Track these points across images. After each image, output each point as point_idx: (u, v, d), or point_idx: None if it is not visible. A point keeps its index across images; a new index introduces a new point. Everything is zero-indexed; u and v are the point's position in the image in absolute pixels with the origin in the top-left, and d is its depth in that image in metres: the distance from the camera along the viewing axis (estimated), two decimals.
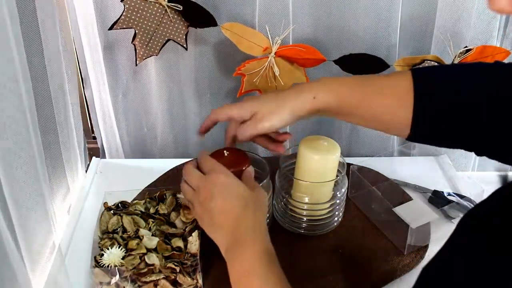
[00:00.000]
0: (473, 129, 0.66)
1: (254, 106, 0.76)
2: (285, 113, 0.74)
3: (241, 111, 0.77)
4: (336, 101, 0.72)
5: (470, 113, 0.65)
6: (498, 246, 0.39)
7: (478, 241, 0.42)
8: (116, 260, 0.78)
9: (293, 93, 0.74)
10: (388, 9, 1.04)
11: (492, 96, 0.64)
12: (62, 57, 0.95)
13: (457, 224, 0.47)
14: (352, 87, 0.72)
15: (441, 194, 1.05)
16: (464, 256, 0.42)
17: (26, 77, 0.72)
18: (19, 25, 0.70)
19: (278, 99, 0.75)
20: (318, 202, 0.94)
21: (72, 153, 1.05)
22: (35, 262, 0.79)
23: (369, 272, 0.89)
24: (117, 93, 1.15)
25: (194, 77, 1.16)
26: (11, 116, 0.68)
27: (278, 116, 0.74)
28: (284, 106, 0.74)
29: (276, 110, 0.74)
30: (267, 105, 0.75)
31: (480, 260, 0.40)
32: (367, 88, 0.72)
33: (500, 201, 0.43)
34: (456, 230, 0.47)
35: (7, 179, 0.67)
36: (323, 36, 1.09)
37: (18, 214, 0.71)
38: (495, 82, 0.65)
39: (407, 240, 0.90)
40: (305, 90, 0.73)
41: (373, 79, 0.74)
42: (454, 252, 0.45)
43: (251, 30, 1.02)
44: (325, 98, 0.72)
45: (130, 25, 0.98)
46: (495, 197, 0.45)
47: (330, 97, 0.72)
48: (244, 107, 0.77)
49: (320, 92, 0.72)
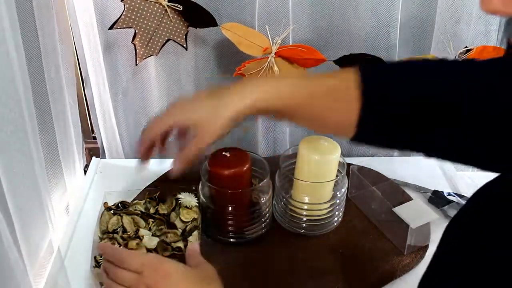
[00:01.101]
0: (419, 130, 0.63)
1: (191, 113, 0.69)
2: (226, 120, 0.67)
3: (181, 119, 0.70)
4: (278, 101, 0.67)
5: (417, 114, 0.62)
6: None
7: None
8: None
9: (234, 94, 0.67)
10: (388, 9, 1.04)
11: (438, 96, 0.61)
12: (60, 57, 0.95)
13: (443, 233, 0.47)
14: (295, 87, 0.67)
15: (441, 194, 1.05)
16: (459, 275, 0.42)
17: (25, 78, 0.72)
18: (18, 26, 0.70)
19: (219, 107, 0.67)
20: (318, 202, 0.94)
21: (70, 153, 1.05)
22: (34, 262, 0.79)
23: (369, 272, 0.89)
24: (117, 92, 1.15)
25: (194, 77, 1.15)
26: (10, 116, 0.68)
27: (219, 125, 0.67)
28: (226, 114, 0.67)
29: (216, 120, 0.67)
30: (207, 114, 0.68)
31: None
32: (310, 88, 0.67)
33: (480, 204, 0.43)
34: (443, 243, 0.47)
35: (7, 179, 0.67)
36: (323, 36, 1.09)
37: (17, 214, 0.71)
38: (444, 80, 0.61)
39: (407, 240, 0.90)
40: (246, 90, 0.67)
41: (317, 78, 0.69)
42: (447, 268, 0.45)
43: (251, 30, 1.02)
44: (268, 99, 0.66)
45: (130, 24, 0.98)
46: (474, 202, 0.45)
47: (273, 97, 0.66)
48: (183, 114, 0.70)
49: (262, 92, 0.66)
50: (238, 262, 0.90)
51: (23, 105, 0.71)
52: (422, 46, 1.11)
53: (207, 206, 0.92)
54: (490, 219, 0.41)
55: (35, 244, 0.79)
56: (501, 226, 0.40)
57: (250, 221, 0.93)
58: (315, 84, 0.67)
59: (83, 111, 1.19)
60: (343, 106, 0.64)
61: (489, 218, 0.42)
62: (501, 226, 0.40)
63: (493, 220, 0.41)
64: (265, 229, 0.95)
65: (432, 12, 1.06)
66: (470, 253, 0.42)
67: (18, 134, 0.71)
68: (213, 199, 0.91)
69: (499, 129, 0.56)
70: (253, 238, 0.94)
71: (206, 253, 0.88)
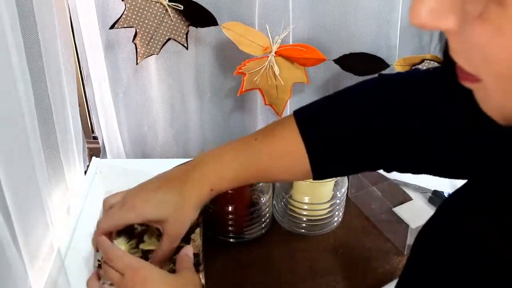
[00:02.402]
0: (370, 152, 0.65)
1: (161, 211, 0.69)
2: (194, 212, 0.71)
3: (145, 217, 0.70)
4: (231, 184, 0.70)
5: (360, 138, 0.64)
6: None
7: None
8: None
9: (196, 191, 0.70)
10: (389, 8, 1.04)
11: (377, 117, 0.63)
12: (60, 56, 0.95)
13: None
14: (243, 163, 0.69)
15: (441, 194, 1.05)
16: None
17: (26, 78, 0.71)
18: (19, 26, 0.69)
19: (183, 199, 0.69)
20: (318, 202, 0.94)
21: (70, 153, 1.05)
22: (34, 262, 0.79)
23: (369, 272, 0.89)
24: (118, 91, 1.15)
25: (195, 76, 1.16)
26: (10, 116, 0.68)
27: (186, 219, 0.71)
28: (192, 203, 0.70)
29: (185, 212, 0.70)
30: (173, 210, 0.69)
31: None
32: (258, 160, 0.69)
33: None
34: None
35: (7, 179, 0.67)
36: (323, 36, 1.09)
37: (16, 214, 0.71)
38: (376, 101, 0.64)
39: (407, 240, 0.90)
40: (202, 184, 0.70)
41: (261, 145, 0.69)
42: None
43: (251, 29, 1.02)
44: (221, 187, 0.70)
45: (131, 24, 0.98)
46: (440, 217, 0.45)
47: (225, 184, 0.70)
48: (152, 213, 0.70)
49: (215, 183, 0.70)
50: (238, 262, 0.90)
51: (23, 105, 0.71)
52: (422, 46, 1.11)
53: (207, 206, 0.92)
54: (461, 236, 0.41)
55: (35, 245, 0.79)
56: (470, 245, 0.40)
57: (250, 221, 0.93)
58: (261, 154, 0.69)
59: (83, 111, 1.19)
60: (294, 159, 0.67)
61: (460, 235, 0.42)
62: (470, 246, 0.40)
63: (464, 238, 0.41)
64: (265, 229, 0.96)
65: None
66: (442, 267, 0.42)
67: (18, 134, 0.71)
68: (213, 199, 0.91)
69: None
70: (253, 238, 0.94)
71: (206, 253, 0.89)
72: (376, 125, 0.63)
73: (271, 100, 1.12)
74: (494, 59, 0.30)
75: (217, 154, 0.71)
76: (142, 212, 0.69)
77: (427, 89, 0.61)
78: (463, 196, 0.44)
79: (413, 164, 0.64)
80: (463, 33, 0.31)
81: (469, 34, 0.30)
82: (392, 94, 0.63)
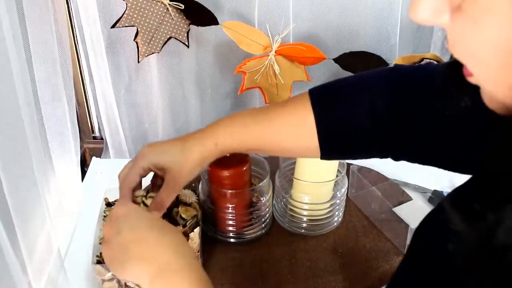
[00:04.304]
0: (379, 137, 0.65)
1: (163, 159, 0.72)
2: (194, 162, 0.72)
3: (151, 164, 0.73)
4: (237, 143, 0.72)
5: (371, 122, 0.64)
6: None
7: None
8: None
9: (198, 141, 0.72)
10: (388, 8, 1.04)
11: (388, 100, 0.64)
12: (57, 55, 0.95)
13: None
14: (254, 125, 0.71)
15: (441, 194, 1.05)
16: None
17: (25, 78, 0.71)
18: (18, 24, 0.69)
19: (185, 150, 0.72)
20: (318, 202, 0.94)
21: (70, 153, 1.05)
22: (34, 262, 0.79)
23: (369, 272, 0.89)
24: (119, 88, 1.15)
25: (195, 74, 1.16)
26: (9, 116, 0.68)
27: (188, 169, 0.72)
28: (192, 156, 0.71)
29: (185, 163, 0.72)
30: (174, 158, 0.72)
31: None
32: (267, 123, 0.70)
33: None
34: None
35: (6, 179, 0.67)
36: (323, 35, 1.09)
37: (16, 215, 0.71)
38: (386, 86, 0.64)
39: (407, 240, 0.90)
40: (207, 138, 0.72)
41: (271, 111, 0.71)
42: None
43: (251, 28, 1.02)
44: (227, 143, 0.72)
45: (132, 23, 0.98)
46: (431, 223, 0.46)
47: (231, 141, 0.71)
48: (155, 161, 0.72)
49: (221, 138, 0.71)
50: (238, 262, 0.90)
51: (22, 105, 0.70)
52: (422, 46, 1.11)
53: (207, 206, 0.92)
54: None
55: (34, 245, 0.79)
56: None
57: (250, 221, 0.93)
58: (270, 118, 0.70)
59: (84, 110, 1.19)
60: (302, 131, 0.68)
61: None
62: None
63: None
64: (265, 229, 0.96)
65: None
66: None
67: (18, 134, 0.71)
68: (213, 199, 0.91)
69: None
70: (253, 238, 0.94)
71: (206, 253, 0.89)
72: (382, 110, 0.63)
73: (272, 98, 1.12)
74: (474, 49, 0.32)
75: (229, 116, 0.73)
76: (148, 157, 0.72)
77: (434, 79, 0.61)
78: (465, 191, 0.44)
79: (419, 153, 0.64)
80: (451, 26, 0.33)
81: (454, 26, 0.33)
82: (400, 81, 0.64)
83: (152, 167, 0.73)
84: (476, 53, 0.32)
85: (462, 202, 0.41)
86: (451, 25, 0.33)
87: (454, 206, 0.41)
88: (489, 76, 0.33)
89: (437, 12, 0.33)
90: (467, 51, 0.33)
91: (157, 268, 0.58)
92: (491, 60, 0.31)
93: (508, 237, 0.33)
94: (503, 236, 0.33)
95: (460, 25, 0.32)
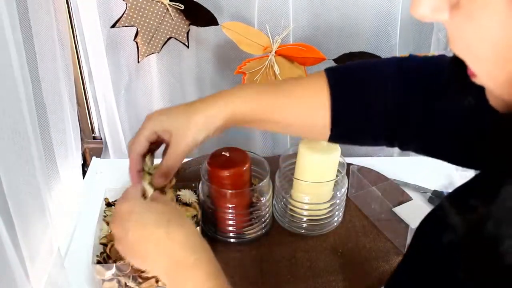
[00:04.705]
0: (388, 123, 0.65)
1: (168, 122, 0.69)
2: (200, 124, 0.67)
3: (157, 129, 0.70)
4: (249, 108, 0.68)
5: (383, 108, 0.64)
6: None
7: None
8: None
9: (205, 104, 0.68)
10: (388, 8, 1.04)
11: (398, 89, 0.64)
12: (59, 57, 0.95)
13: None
14: (266, 93, 0.69)
15: (441, 194, 1.05)
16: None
17: (25, 79, 0.71)
18: (19, 24, 0.69)
19: (190, 112, 0.68)
20: (318, 202, 0.94)
21: (70, 153, 1.05)
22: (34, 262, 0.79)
23: (369, 272, 0.89)
24: (119, 89, 1.16)
25: (195, 74, 1.16)
26: (10, 116, 0.68)
27: (193, 130, 0.67)
28: (197, 116, 0.67)
29: (190, 125, 0.67)
30: (179, 119, 0.68)
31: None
32: (280, 93, 0.69)
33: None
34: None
35: (7, 179, 0.67)
36: (323, 35, 1.09)
37: (17, 215, 0.71)
38: (399, 75, 0.64)
39: (407, 240, 0.90)
40: (216, 99, 0.69)
41: (287, 84, 0.71)
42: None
43: (251, 29, 1.02)
44: (239, 106, 0.68)
45: (132, 23, 0.98)
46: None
47: (243, 104, 0.68)
48: (159, 125, 0.70)
49: (233, 100, 0.68)
50: (238, 262, 0.90)
51: (23, 106, 0.70)
52: (422, 46, 1.11)
53: (207, 206, 0.92)
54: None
55: (35, 245, 0.79)
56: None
57: (250, 221, 0.93)
58: (285, 89, 0.69)
59: (84, 111, 1.19)
60: (315, 107, 0.66)
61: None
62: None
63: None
64: (265, 229, 0.96)
65: None
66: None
67: (19, 134, 0.71)
68: (213, 199, 0.91)
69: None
70: (253, 238, 0.94)
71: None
72: (393, 98, 0.63)
73: None
74: (472, 45, 0.33)
75: (238, 85, 0.72)
76: (154, 120, 0.70)
77: (442, 75, 0.61)
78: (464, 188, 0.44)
79: (424, 145, 0.64)
80: (450, 23, 0.34)
81: (453, 23, 0.33)
82: (412, 72, 0.64)
83: (158, 131, 0.69)
84: (475, 50, 0.33)
85: (459, 198, 0.41)
86: (450, 22, 0.34)
87: (452, 202, 0.41)
88: (487, 72, 0.33)
89: (436, 9, 0.34)
90: (466, 47, 0.34)
91: (169, 264, 0.59)
92: (489, 56, 0.32)
93: (497, 228, 0.33)
94: (492, 228, 0.33)
95: (458, 21, 0.33)
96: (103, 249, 0.83)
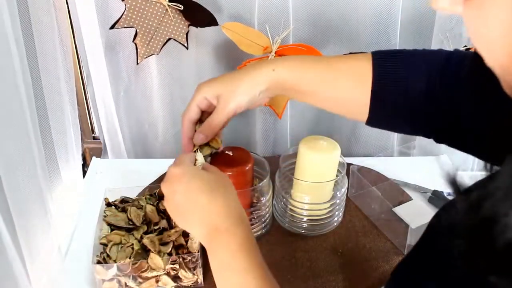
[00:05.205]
0: (429, 114, 0.65)
1: (215, 87, 0.73)
2: (245, 87, 0.71)
3: (207, 94, 0.73)
4: (294, 76, 0.71)
5: (424, 97, 0.65)
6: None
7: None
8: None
9: (252, 67, 0.72)
10: (388, 9, 1.04)
11: (445, 82, 0.64)
12: (59, 57, 0.95)
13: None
14: (312, 64, 0.71)
15: (441, 194, 1.05)
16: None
17: (26, 79, 0.71)
18: (19, 25, 0.69)
19: (236, 77, 0.72)
20: (318, 202, 0.94)
21: (70, 153, 1.05)
22: (34, 262, 0.79)
23: (369, 272, 0.89)
24: (118, 90, 1.16)
25: (195, 75, 1.16)
26: (11, 116, 0.68)
27: (238, 92, 0.71)
28: (243, 80, 0.71)
29: (236, 88, 0.71)
30: (226, 83, 0.72)
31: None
32: (326, 67, 0.71)
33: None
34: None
35: (7, 179, 0.67)
36: (322, 36, 1.09)
37: (17, 214, 0.71)
38: (441, 67, 0.65)
39: (407, 240, 0.90)
40: (263, 64, 0.72)
41: (334, 59, 0.72)
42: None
43: (251, 29, 1.02)
44: (284, 72, 0.71)
45: (131, 24, 0.98)
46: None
47: (289, 71, 0.71)
48: (208, 91, 0.73)
49: (279, 65, 0.71)
50: None
51: (24, 106, 0.71)
52: (422, 46, 1.11)
53: None
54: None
55: (35, 244, 0.79)
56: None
57: (250, 221, 0.93)
58: (331, 63, 0.71)
59: (84, 111, 1.19)
60: (357, 86, 0.68)
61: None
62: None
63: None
64: (265, 229, 0.96)
65: (431, 12, 1.06)
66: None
67: (19, 134, 0.71)
68: None
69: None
70: None
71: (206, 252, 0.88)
72: (435, 88, 0.64)
73: (271, 100, 1.11)
74: (483, 34, 0.34)
75: (284, 56, 0.75)
76: (204, 87, 0.73)
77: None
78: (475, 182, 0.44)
79: (459, 138, 0.65)
80: (465, 14, 0.36)
81: (467, 14, 0.35)
82: (453, 65, 0.64)
83: (208, 96, 0.73)
84: (486, 39, 0.34)
85: (467, 188, 0.42)
86: (465, 15, 0.36)
87: (459, 192, 0.42)
88: (499, 61, 0.35)
89: (454, 2, 0.36)
90: (478, 37, 0.35)
91: (208, 230, 0.62)
92: (499, 45, 0.33)
93: (493, 207, 0.33)
94: (489, 207, 0.34)
95: (470, 12, 0.35)
96: (103, 249, 0.83)
